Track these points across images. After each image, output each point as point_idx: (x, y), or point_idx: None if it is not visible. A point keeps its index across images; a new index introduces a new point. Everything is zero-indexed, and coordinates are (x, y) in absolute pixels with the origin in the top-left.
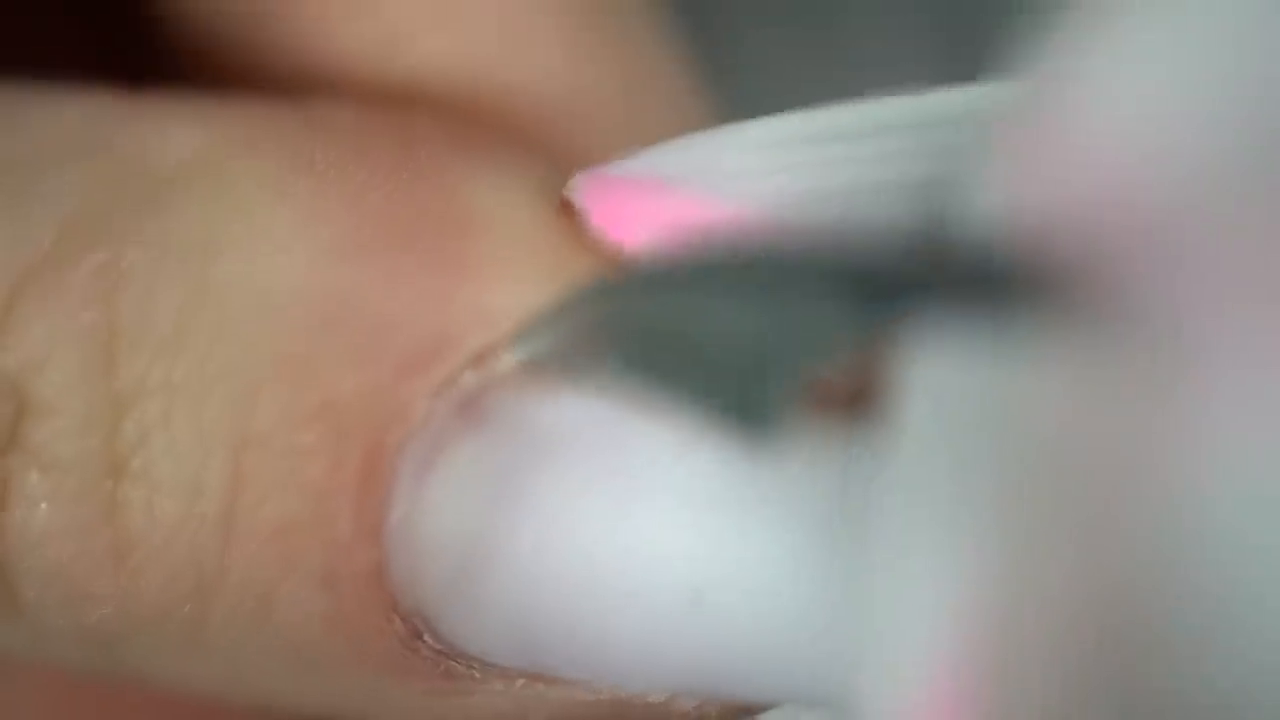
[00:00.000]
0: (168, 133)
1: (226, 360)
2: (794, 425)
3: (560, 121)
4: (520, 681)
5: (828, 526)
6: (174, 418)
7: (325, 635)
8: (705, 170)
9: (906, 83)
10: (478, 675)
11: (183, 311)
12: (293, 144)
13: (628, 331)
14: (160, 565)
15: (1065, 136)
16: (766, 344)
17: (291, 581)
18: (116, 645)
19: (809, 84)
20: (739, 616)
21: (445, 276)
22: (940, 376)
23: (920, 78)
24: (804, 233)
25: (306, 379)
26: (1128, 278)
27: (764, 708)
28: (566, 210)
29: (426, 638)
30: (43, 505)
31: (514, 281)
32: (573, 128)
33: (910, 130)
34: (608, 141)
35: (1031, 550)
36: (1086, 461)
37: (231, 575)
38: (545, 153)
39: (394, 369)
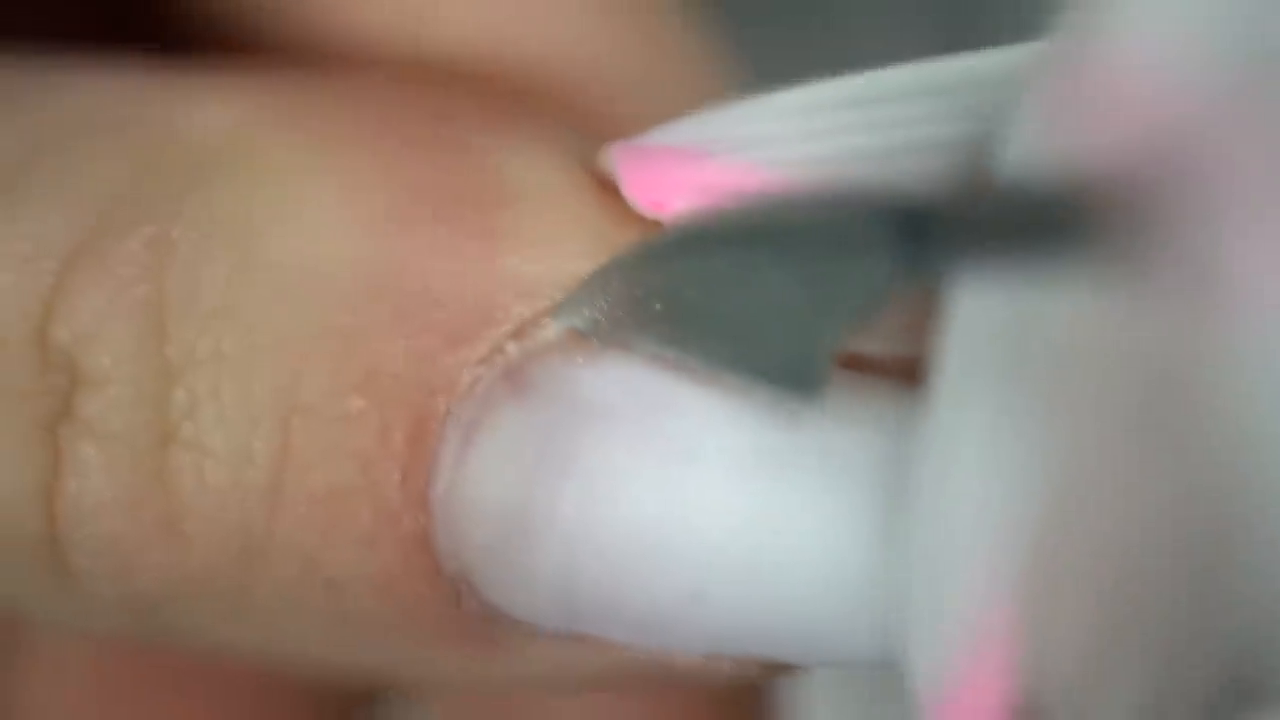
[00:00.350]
0: (204, 107)
1: (274, 330)
2: (840, 385)
3: (588, 92)
4: (563, 644)
5: (877, 490)
6: (223, 387)
7: (371, 600)
8: (738, 138)
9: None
10: (521, 639)
11: (229, 283)
12: (328, 119)
13: (667, 296)
14: (210, 532)
15: (1101, 76)
16: (809, 300)
17: (338, 547)
18: (164, 611)
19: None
20: (783, 578)
21: (487, 247)
22: (982, 311)
23: None
24: (842, 185)
25: (353, 348)
26: (1166, 205)
27: (804, 667)
28: (601, 180)
29: (471, 603)
30: (96, 476)
31: (554, 252)
32: (601, 97)
33: (940, 93)
34: (635, 111)
35: (1077, 469)
36: (1137, 380)
37: (279, 541)
38: (574, 122)
39: (439, 338)
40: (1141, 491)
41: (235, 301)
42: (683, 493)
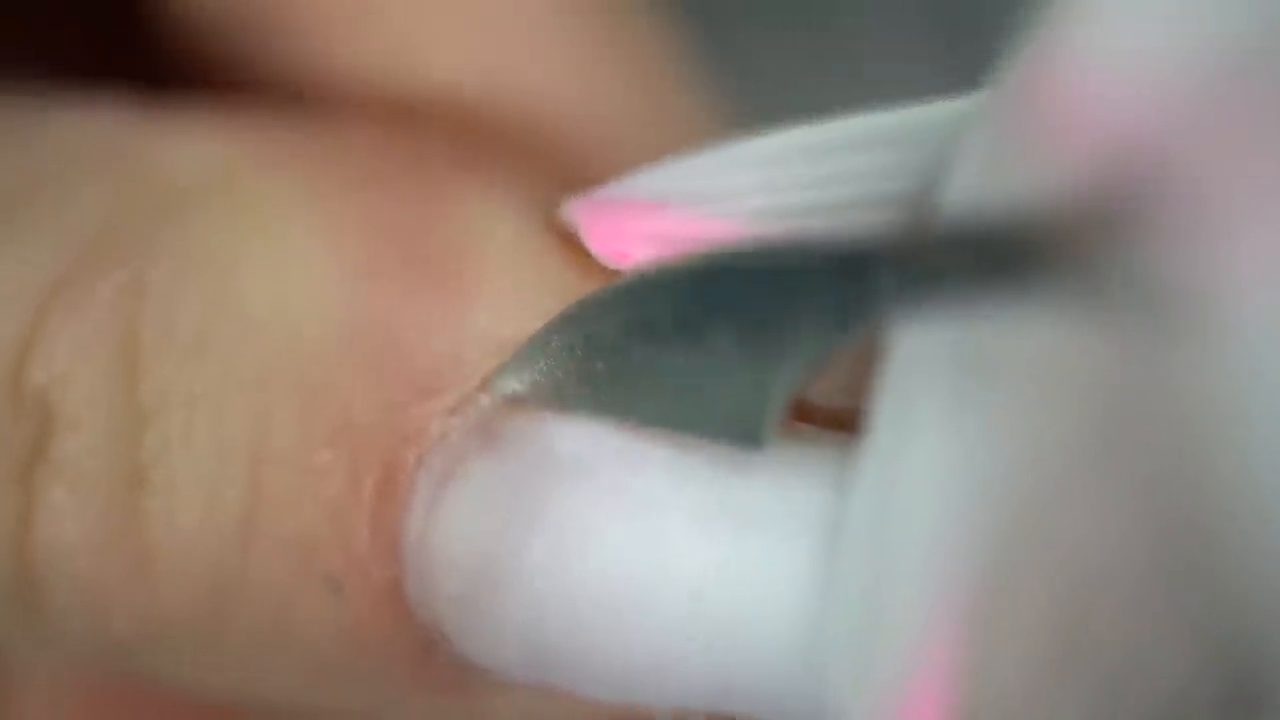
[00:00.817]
0: (186, 149)
1: (246, 376)
2: (799, 438)
3: (568, 134)
4: (531, 694)
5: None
6: (195, 431)
7: (340, 647)
8: (698, 189)
9: (905, 82)
10: (492, 689)
11: (203, 327)
12: (309, 162)
13: (609, 353)
14: (180, 575)
15: (1054, 98)
16: (753, 351)
17: (308, 595)
18: (136, 650)
19: (807, 84)
20: (751, 633)
21: (458, 302)
22: (925, 343)
23: (919, 78)
24: (785, 235)
25: (325, 396)
26: (1129, 224)
27: None
28: (569, 232)
29: (441, 652)
30: (68, 518)
31: (522, 308)
32: (581, 140)
33: (900, 145)
34: (616, 153)
35: (1032, 496)
36: (1100, 404)
37: (249, 587)
38: (553, 165)
39: (410, 389)
40: (1102, 517)
41: (208, 345)
42: (649, 548)
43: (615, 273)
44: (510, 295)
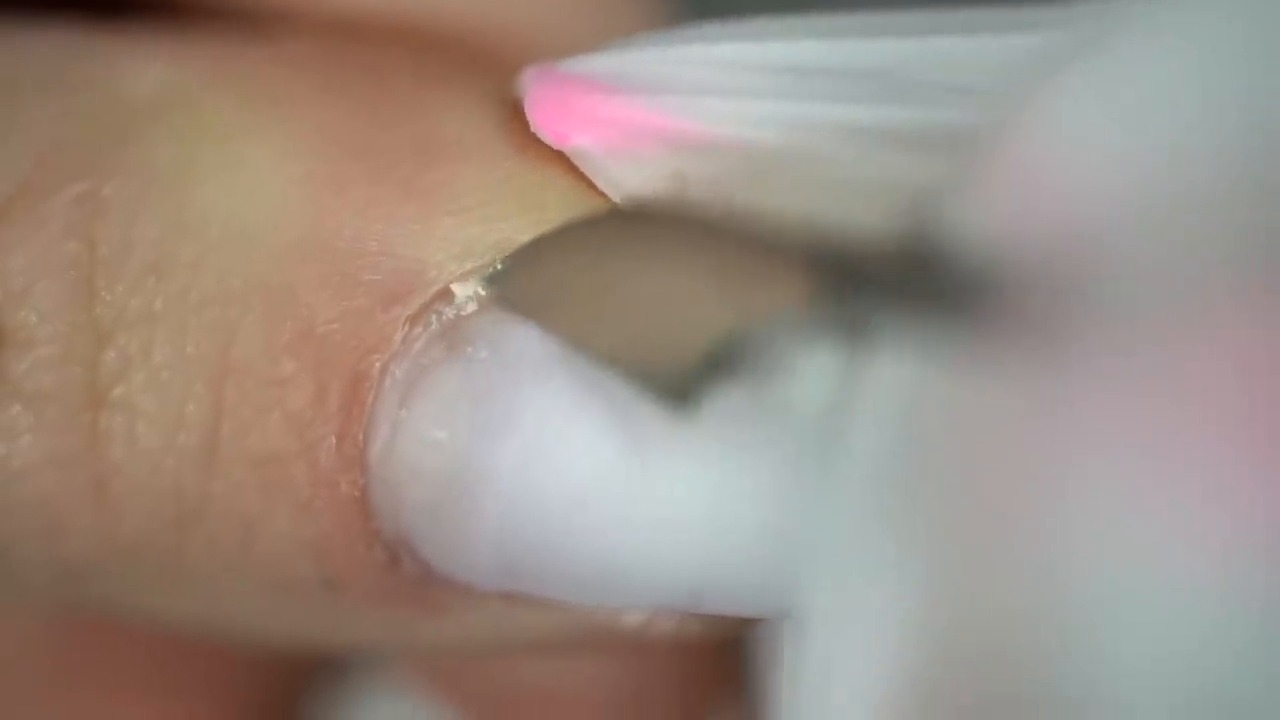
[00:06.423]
0: (140, 65)
1: (206, 290)
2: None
3: (523, 44)
4: (503, 606)
5: (799, 460)
6: (155, 348)
7: (307, 564)
8: (654, 78)
9: None
10: (461, 601)
11: (162, 242)
12: (264, 77)
13: (582, 280)
14: (142, 496)
15: (1021, 167)
16: (720, 301)
17: (274, 511)
18: (94, 577)
19: None
20: (717, 532)
21: (421, 207)
22: (889, 379)
23: None
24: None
25: (287, 308)
26: (1043, 301)
27: (744, 623)
28: (530, 131)
29: (409, 565)
30: (24, 438)
31: (488, 212)
32: (536, 51)
33: (859, 71)
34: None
35: (947, 570)
36: (982, 481)
37: (213, 505)
38: (508, 76)
39: (374, 297)
40: (984, 602)
41: (167, 260)
42: (624, 449)
43: (577, 171)
44: (474, 197)
